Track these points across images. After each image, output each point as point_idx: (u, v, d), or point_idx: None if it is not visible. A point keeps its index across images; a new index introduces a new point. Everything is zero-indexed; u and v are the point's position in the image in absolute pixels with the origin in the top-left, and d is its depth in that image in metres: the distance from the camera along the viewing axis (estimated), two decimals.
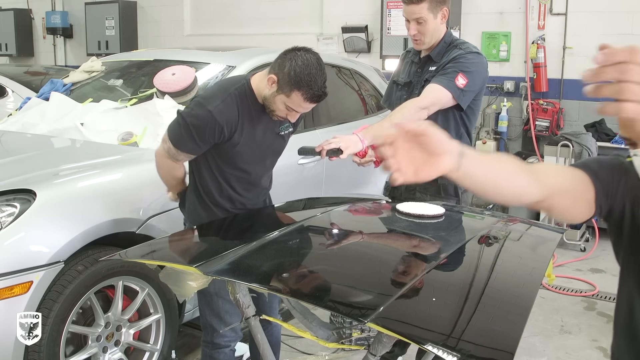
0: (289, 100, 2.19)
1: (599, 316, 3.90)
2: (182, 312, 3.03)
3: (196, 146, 2.26)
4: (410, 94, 2.76)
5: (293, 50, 2.21)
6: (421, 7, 2.61)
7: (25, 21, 9.65)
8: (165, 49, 5.43)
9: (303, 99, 2.17)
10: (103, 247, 2.64)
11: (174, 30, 8.23)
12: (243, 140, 2.30)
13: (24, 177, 2.64)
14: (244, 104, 2.27)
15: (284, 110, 2.24)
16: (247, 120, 2.28)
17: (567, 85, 5.81)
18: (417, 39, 2.69)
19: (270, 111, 2.28)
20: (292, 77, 2.14)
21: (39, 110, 3.74)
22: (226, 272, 1.82)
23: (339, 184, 4.06)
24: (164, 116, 3.24)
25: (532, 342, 3.49)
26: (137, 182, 2.87)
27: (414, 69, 2.83)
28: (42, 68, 7.65)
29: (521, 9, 5.90)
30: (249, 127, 2.30)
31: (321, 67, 2.18)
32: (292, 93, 2.16)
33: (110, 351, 2.71)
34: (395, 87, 2.91)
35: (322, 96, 2.20)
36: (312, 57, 2.18)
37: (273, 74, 2.20)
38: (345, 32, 6.87)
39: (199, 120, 2.22)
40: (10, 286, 2.30)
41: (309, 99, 2.18)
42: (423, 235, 2.24)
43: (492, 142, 5.98)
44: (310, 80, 2.14)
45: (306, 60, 2.15)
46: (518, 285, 1.87)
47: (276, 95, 2.21)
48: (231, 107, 2.24)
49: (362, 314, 1.51)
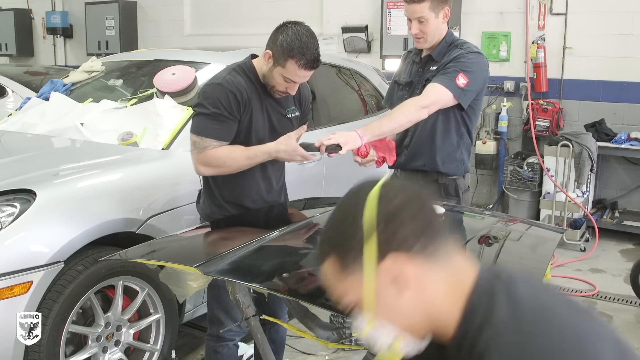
0: (285, 71, 2.26)
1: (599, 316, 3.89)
2: (182, 312, 3.03)
3: (220, 127, 2.27)
4: (411, 93, 2.76)
5: (283, 25, 2.31)
6: (423, 6, 2.62)
7: (25, 21, 9.65)
8: (165, 49, 5.43)
9: (298, 67, 2.24)
10: (103, 247, 2.63)
11: (174, 30, 8.23)
12: (255, 115, 2.34)
13: (24, 177, 2.64)
14: (249, 78, 2.34)
15: (283, 83, 2.31)
16: (254, 94, 2.34)
17: (567, 85, 5.81)
18: (419, 37, 2.69)
19: (271, 87, 2.34)
20: (285, 47, 2.23)
21: (39, 110, 3.74)
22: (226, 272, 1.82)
23: (339, 184, 4.05)
24: (164, 116, 3.24)
25: None
26: (137, 182, 2.87)
27: (415, 69, 2.83)
28: (42, 68, 7.64)
29: (521, 9, 5.90)
30: (258, 103, 2.35)
31: (312, 36, 2.28)
32: (286, 63, 2.24)
33: (110, 351, 2.71)
34: (396, 87, 2.91)
35: (316, 62, 2.27)
36: (302, 28, 2.28)
37: (268, 49, 2.29)
38: (345, 32, 6.87)
39: (212, 96, 2.27)
40: (10, 286, 2.30)
41: (303, 66, 2.25)
42: None
43: (492, 142, 5.98)
44: (303, 47, 2.23)
45: (296, 30, 2.26)
46: None
47: (273, 69, 2.28)
48: (238, 78, 2.32)
49: None
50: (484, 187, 6.34)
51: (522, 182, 5.65)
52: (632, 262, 4.36)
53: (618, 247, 5.27)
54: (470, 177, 6.34)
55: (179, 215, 2.86)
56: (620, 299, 4.15)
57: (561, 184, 5.30)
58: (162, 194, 2.88)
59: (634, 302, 4.04)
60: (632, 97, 5.53)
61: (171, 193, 2.90)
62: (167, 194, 2.87)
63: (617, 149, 5.36)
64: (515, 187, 5.71)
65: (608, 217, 5.50)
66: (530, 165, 5.60)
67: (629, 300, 4.08)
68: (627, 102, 5.56)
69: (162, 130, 3.19)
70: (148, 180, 2.88)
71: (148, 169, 2.96)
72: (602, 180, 5.80)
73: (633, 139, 5.33)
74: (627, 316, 3.90)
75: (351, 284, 1.00)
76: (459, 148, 2.76)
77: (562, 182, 5.30)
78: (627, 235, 5.39)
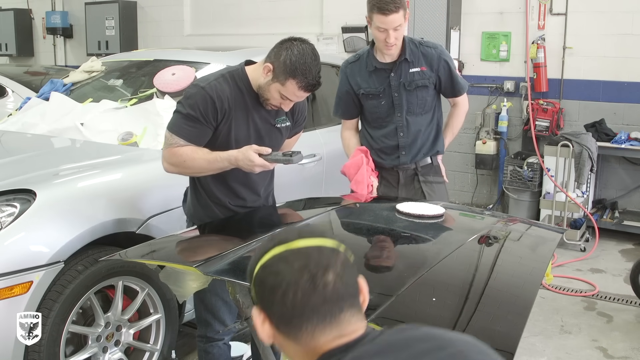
0: (283, 89, 2.23)
1: (599, 316, 3.90)
2: (182, 312, 3.03)
3: (192, 129, 2.25)
4: (390, 100, 2.90)
5: (289, 40, 2.26)
6: (400, 14, 2.69)
7: (25, 21, 9.65)
8: (165, 49, 5.42)
9: (297, 88, 2.21)
10: (103, 247, 2.63)
11: (174, 30, 8.22)
12: (237, 125, 2.31)
13: (24, 177, 2.64)
14: (237, 87, 2.31)
15: (278, 99, 2.28)
16: (240, 103, 2.31)
17: (567, 85, 5.81)
18: (392, 45, 2.78)
19: (265, 99, 2.31)
20: (288, 65, 2.18)
21: (39, 110, 3.74)
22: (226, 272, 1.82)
23: (339, 184, 4.05)
24: (164, 116, 3.24)
25: (532, 342, 3.49)
26: (137, 182, 2.87)
27: (383, 76, 2.91)
28: (42, 68, 7.64)
29: (521, 9, 5.90)
30: (243, 112, 2.32)
31: (316, 57, 2.23)
32: (287, 81, 2.20)
33: (110, 351, 2.71)
34: (365, 97, 2.96)
35: (316, 85, 2.24)
36: (307, 47, 2.23)
37: (269, 62, 2.24)
38: (345, 32, 6.87)
39: (192, 98, 2.26)
40: (10, 286, 2.30)
41: (303, 88, 2.22)
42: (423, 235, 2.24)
43: (492, 142, 5.98)
44: (306, 70, 2.18)
45: (302, 50, 2.20)
46: (518, 285, 1.87)
47: (271, 84, 2.24)
48: (223, 85, 2.28)
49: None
50: (484, 187, 6.34)
51: (522, 182, 5.65)
52: (632, 262, 4.36)
53: (618, 247, 5.27)
54: (470, 177, 6.35)
55: (179, 215, 2.85)
56: (620, 299, 4.15)
57: (561, 184, 5.30)
58: (162, 194, 2.88)
59: (634, 302, 4.04)
60: (632, 97, 5.53)
61: (171, 193, 2.90)
62: (167, 194, 2.87)
63: (617, 149, 5.36)
64: (515, 187, 5.71)
65: (608, 217, 5.50)
66: (530, 165, 5.60)
67: (629, 300, 4.08)
68: (627, 102, 5.56)
69: (162, 130, 3.17)
70: (148, 180, 2.88)
71: (148, 169, 2.95)
72: (602, 180, 5.80)
73: (633, 139, 5.33)
74: (627, 316, 3.90)
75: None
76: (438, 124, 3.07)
77: (562, 182, 5.30)
78: (627, 235, 5.39)
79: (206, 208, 2.42)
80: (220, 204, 2.41)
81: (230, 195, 2.41)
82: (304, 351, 1.04)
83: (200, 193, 2.43)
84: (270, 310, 1.05)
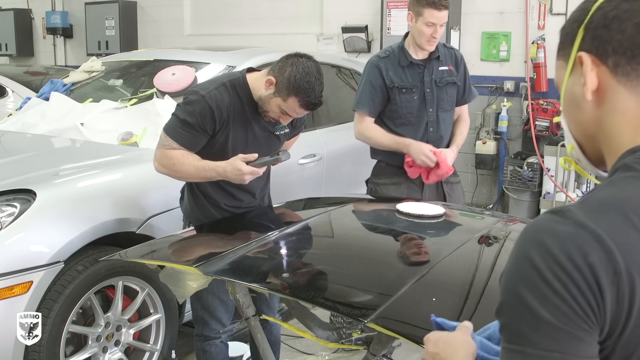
0: (284, 104, 2.23)
1: None
2: (182, 312, 3.03)
3: (187, 134, 2.26)
4: (422, 95, 2.96)
5: (295, 55, 2.25)
6: (447, 12, 2.85)
7: (25, 21, 9.65)
8: (165, 49, 5.42)
9: (299, 105, 2.21)
10: (103, 247, 2.63)
11: (174, 30, 8.22)
12: (235, 134, 2.32)
13: (24, 177, 2.64)
14: (237, 96, 2.31)
15: (278, 113, 2.28)
16: (239, 113, 2.31)
17: None
18: (437, 40, 2.91)
19: (264, 111, 2.31)
20: (292, 82, 2.17)
21: (39, 110, 3.74)
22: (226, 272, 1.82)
23: (339, 184, 4.06)
24: (164, 116, 3.23)
25: None
26: (137, 182, 2.87)
27: (417, 71, 2.97)
28: (42, 68, 7.64)
29: (521, 9, 5.90)
30: (242, 120, 2.32)
31: (320, 77, 2.23)
32: (289, 98, 2.20)
33: (110, 351, 2.71)
34: (397, 92, 2.96)
35: (317, 105, 2.25)
36: (312, 66, 2.22)
37: (272, 76, 2.23)
38: (345, 32, 6.87)
39: (191, 105, 2.26)
40: (10, 286, 2.30)
41: (304, 106, 2.22)
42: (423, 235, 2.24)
43: (492, 142, 5.98)
44: (309, 88, 2.18)
45: (307, 67, 2.20)
46: None
47: (272, 98, 2.24)
48: (223, 95, 2.28)
49: (362, 314, 1.51)
50: (484, 187, 6.34)
51: (522, 182, 5.65)
52: None
53: None
54: (470, 177, 6.34)
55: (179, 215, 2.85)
56: None
57: (561, 184, 5.30)
58: (162, 193, 2.88)
59: None
60: None
61: (171, 193, 2.90)
62: (167, 194, 2.87)
63: None
64: (515, 187, 5.71)
65: None
66: (530, 165, 5.60)
67: None
68: None
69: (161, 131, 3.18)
70: (148, 180, 2.87)
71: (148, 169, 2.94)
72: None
73: None
74: None
75: (560, 77, 0.95)
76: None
77: (562, 182, 5.30)
78: None
79: (202, 208, 2.44)
80: (216, 205, 2.42)
81: (226, 197, 2.42)
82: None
83: (196, 193, 2.44)
84: (610, 45, 0.85)
